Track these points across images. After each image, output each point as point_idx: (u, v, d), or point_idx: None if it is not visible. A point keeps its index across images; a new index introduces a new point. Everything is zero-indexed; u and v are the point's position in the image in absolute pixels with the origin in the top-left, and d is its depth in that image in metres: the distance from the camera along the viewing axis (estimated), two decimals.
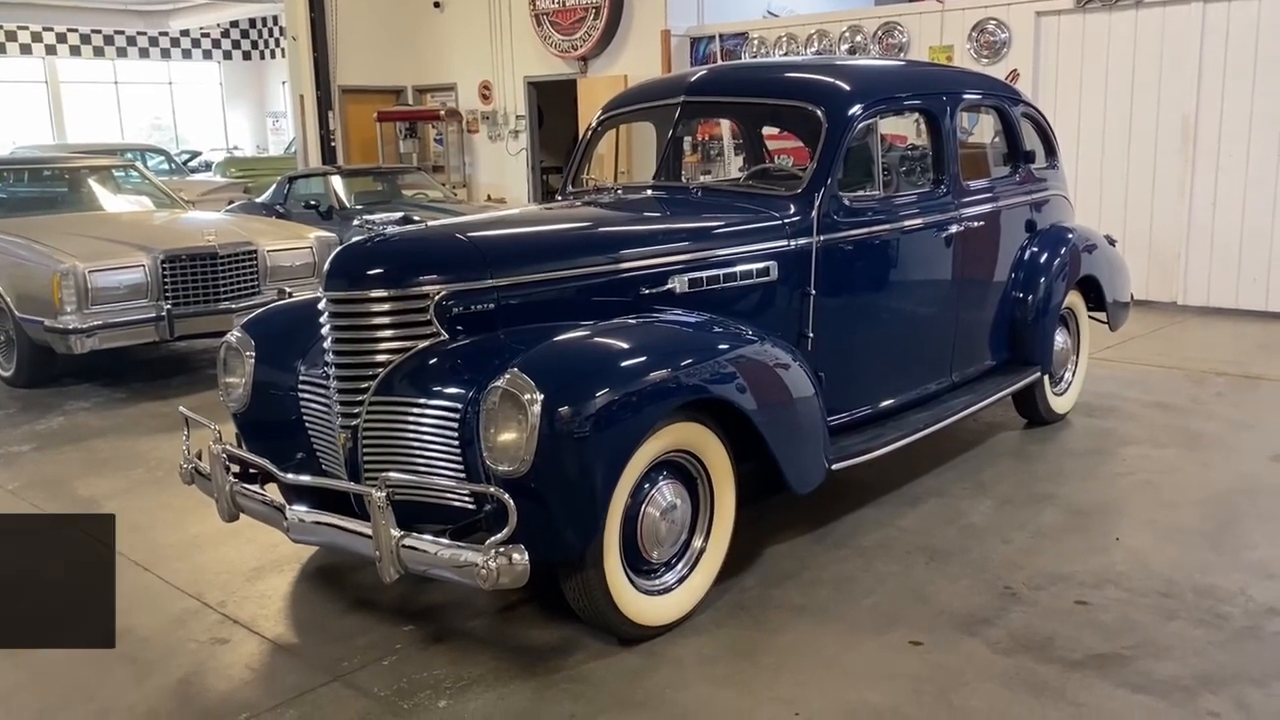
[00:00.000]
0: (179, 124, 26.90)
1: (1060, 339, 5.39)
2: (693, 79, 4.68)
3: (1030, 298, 5.12)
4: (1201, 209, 8.62)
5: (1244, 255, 8.45)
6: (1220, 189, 8.49)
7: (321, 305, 3.42)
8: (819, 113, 4.15)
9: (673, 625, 3.33)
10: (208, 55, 26.81)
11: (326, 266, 3.41)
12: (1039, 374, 5.19)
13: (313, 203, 10.16)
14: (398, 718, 2.93)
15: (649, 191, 4.54)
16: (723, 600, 3.53)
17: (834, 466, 3.80)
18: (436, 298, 3.30)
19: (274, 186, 11.05)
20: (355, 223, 3.55)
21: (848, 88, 4.33)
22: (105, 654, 3.34)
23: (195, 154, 22.49)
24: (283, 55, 25.20)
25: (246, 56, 27.20)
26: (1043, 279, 5.15)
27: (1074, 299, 5.51)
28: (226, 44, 26.90)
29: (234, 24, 26.21)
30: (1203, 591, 3.55)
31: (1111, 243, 5.87)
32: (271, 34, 26.14)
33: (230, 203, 12.52)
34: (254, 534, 4.12)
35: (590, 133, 4.97)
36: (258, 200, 11.26)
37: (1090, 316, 5.73)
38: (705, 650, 3.24)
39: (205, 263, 6.70)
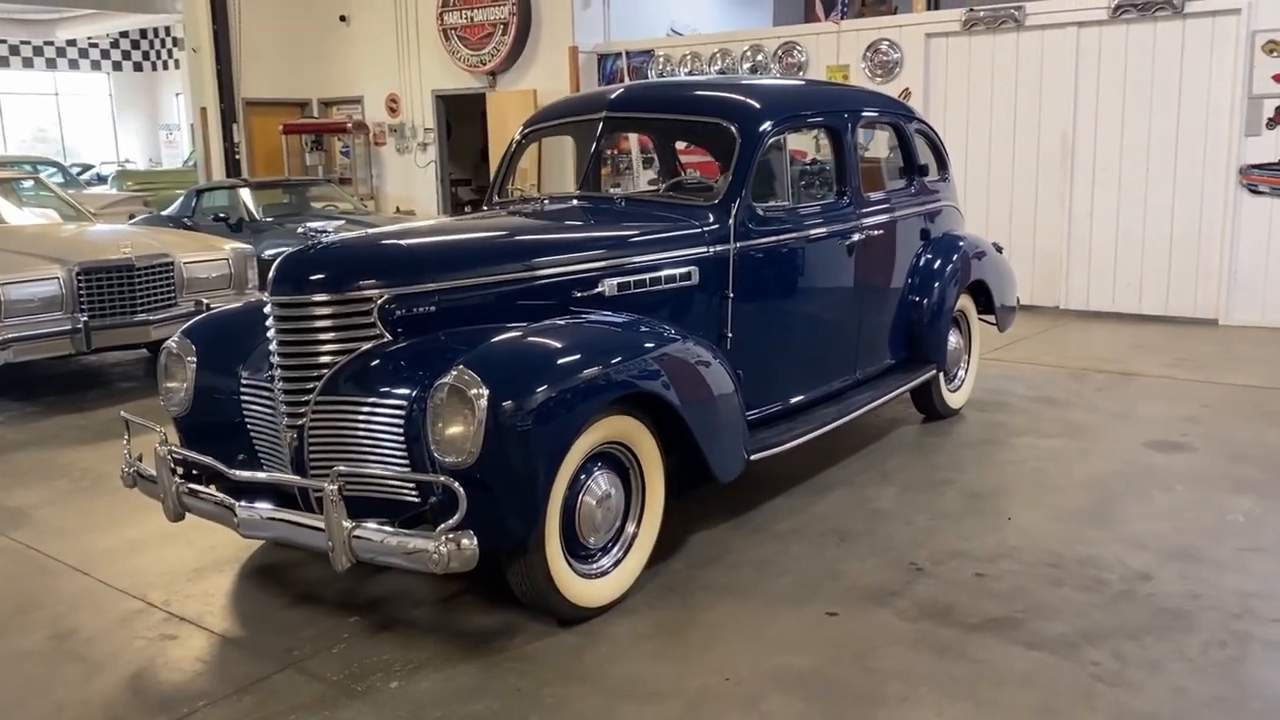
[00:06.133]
0: (66, 136, 26.00)
1: (953, 339, 5.78)
2: (613, 96, 4.91)
3: (925, 301, 5.49)
4: (1080, 219, 9.23)
5: (1119, 262, 9.09)
6: (1096, 201, 9.13)
7: (267, 310, 3.55)
8: (733, 129, 4.43)
9: (609, 606, 3.56)
10: (96, 66, 26.01)
11: (272, 273, 3.55)
12: (935, 371, 5.57)
13: (222, 215, 10.10)
14: (352, 699, 3.08)
15: (575, 202, 4.75)
16: (654, 583, 3.77)
17: (752, 457, 4.07)
18: (379, 301, 3.47)
19: (181, 199, 10.93)
20: (299, 230, 3.69)
21: (759, 106, 4.62)
22: (52, 654, 3.41)
23: (88, 167, 21.85)
24: (176, 66, 24.65)
25: (138, 68, 26.48)
26: (937, 284, 5.52)
27: (965, 302, 5.91)
28: (116, 54, 26.14)
29: (124, 34, 25.48)
30: (1085, 561, 3.92)
31: (999, 250, 6.30)
32: (164, 44, 25.54)
33: (131, 216, 12.32)
34: (192, 536, 4.21)
35: (514, 146, 5.18)
36: (164, 213, 11.11)
37: (980, 319, 6.15)
38: (639, 628, 3.47)
39: (122, 275, 6.68)
